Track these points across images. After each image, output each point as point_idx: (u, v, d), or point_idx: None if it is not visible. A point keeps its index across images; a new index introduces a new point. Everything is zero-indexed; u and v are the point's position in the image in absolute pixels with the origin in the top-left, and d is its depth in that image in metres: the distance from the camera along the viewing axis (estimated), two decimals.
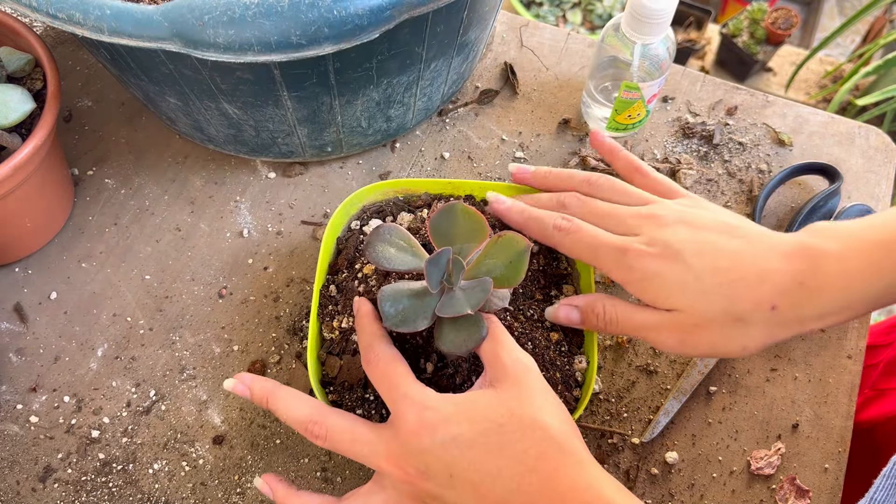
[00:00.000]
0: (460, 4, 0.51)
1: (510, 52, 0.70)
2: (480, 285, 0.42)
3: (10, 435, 0.53)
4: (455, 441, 0.38)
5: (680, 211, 0.44)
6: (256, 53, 0.44)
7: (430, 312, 0.42)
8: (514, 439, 0.38)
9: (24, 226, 0.56)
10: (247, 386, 0.45)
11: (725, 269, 0.41)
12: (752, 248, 0.42)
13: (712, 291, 0.41)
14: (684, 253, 0.42)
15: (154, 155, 0.64)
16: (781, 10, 1.72)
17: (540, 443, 0.38)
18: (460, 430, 0.38)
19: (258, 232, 0.61)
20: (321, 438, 0.42)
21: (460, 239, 0.44)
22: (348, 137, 0.60)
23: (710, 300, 0.41)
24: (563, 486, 0.37)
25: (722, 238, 0.42)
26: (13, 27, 0.55)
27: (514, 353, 0.41)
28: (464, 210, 0.44)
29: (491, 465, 0.37)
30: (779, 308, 0.40)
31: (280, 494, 0.44)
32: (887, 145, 0.66)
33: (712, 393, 0.55)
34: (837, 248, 0.40)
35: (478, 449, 0.38)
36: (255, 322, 0.57)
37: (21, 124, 0.53)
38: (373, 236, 0.45)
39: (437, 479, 0.38)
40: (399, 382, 0.41)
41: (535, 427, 0.38)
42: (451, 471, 0.38)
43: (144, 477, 0.51)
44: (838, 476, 0.52)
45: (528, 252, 0.43)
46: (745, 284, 0.41)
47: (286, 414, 0.43)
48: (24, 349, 0.56)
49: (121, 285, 0.58)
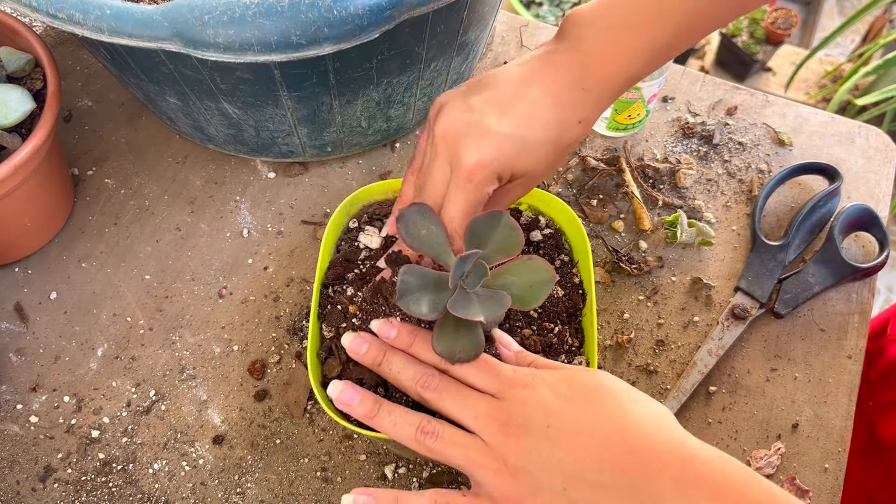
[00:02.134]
0: (460, 4, 0.51)
1: (510, 52, 0.70)
2: (498, 299, 0.41)
3: (10, 435, 0.53)
4: (554, 390, 0.38)
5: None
6: (256, 53, 0.44)
7: (441, 306, 0.42)
8: (608, 393, 0.38)
9: (24, 226, 0.56)
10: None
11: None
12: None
13: None
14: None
15: (154, 155, 0.64)
16: (781, 10, 1.72)
17: (632, 399, 0.38)
18: (554, 384, 0.39)
19: (258, 232, 0.61)
20: (433, 435, 0.40)
21: (491, 246, 0.44)
22: (348, 137, 0.60)
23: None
24: (663, 437, 0.37)
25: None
26: (13, 27, 0.55)
27: (575, 370, 0.41)
28: (508, 221, 0.44)
29: (588, 414, 0.38)
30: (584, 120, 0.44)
31: (385, 500, 0.42)
32: (887, 145, 0.66)
33: (712, 393, 0.55)
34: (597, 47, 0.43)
35: (576, 401, 0.38)
36: (255, 322, 0.57)
37: (21, 124, 0.53)
38: (407, 213, 0.44)
39: (534, 430, 0.38)
40: (479, 408, 0.40)
41: (623, 388, 0.39)
42: (549, 421, 0.38)
43: (144, 477, 0.51)
44: (838, 476, 0.52)
45: (552, 283, 0.43)
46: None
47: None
48: (24, 349, 0.55)
49: (121, 285, 0.58)
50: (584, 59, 0.43)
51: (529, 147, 0.44)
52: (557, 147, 0.44)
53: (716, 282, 0.59)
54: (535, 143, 0.44)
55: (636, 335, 0.57)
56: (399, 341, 0.44)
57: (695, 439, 0.37)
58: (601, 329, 0.57)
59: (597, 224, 0.61)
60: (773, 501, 0.34)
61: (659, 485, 0.35)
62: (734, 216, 0.62)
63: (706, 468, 0.35)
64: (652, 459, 0.36)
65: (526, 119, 0.44)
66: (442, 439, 0.40)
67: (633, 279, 0.59)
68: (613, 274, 0.59)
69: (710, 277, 0.59)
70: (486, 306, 0.41)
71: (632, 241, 0.61)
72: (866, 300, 0.58)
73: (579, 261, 0.53)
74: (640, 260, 0.59)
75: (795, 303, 0.57)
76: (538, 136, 0.44)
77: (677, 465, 0.36)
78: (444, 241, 0.44)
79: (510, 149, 0.44)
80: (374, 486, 0.51)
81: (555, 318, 0.50)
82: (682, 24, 0.42)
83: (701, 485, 0.35)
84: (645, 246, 0.60)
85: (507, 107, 0.44)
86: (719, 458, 0.36)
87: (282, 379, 0.55)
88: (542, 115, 0.44)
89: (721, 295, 0.58)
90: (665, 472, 0.35)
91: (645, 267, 0.59)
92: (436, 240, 0.45)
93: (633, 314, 0.57)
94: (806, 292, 0.57)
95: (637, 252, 0.60)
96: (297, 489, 0.51)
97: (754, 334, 0.57)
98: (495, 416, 0.39)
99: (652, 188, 0.63)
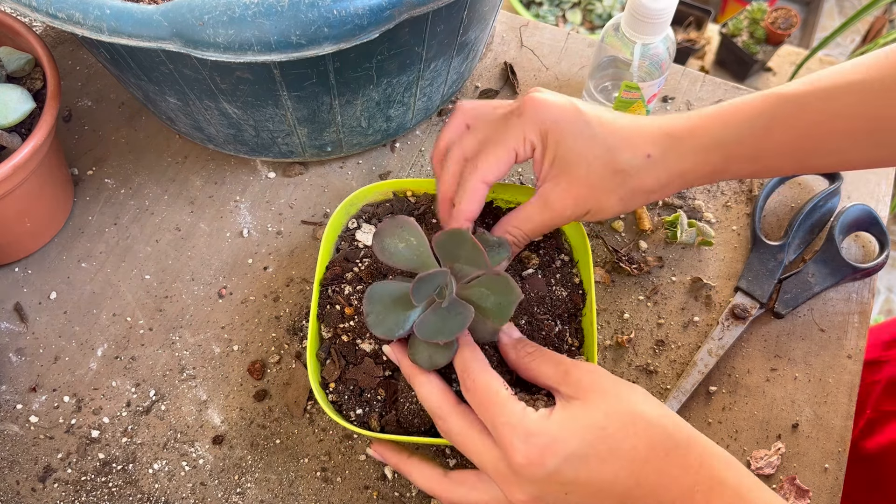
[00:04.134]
0: (460, 4, 0.51)
1: (510, 52, 0.70)
2: (462, 315, 0.42)
3: (10, 435, 0.53)
4: (568, 461, 0.37)
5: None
6: (256, 53, 0.44)
7: (409, 324, 0.43)
8: (621, 438, 0.38)
9: (23, 226, 0.56)
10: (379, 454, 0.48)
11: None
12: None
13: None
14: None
15: (154, 155, 0.64)
16: (781, 10, 1.72)
17: (645, 433, 0.38)
18: (570, 449, 0.37)
19: (258, 232, 0.61)
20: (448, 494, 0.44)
21: (464, 260, 0.44)
22: (348, 137, 0.60)
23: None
24: (677, 470, 0.37)
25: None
26: (13, 27, 0.55)
27: (576, 364, 0.42)
28: (470, 240, 0.43)
29: (606, 472, 0.37)
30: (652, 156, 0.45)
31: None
32: None
33: (712, 393, 0.55)
34: (687, 125, 0.46)
35: (591, 461, 0.37)
36: (255, 322, 0.57)
37: (21, 124, 0.53)
38: (384, 227, 0.45)
39: (551, 498, 0.38)
40: (497, 410, 0.39)
41: (636, 419, 0.38)
42: (567, 489, 0.38)
43: (144, 477, 0.51)
44: (838, 476, 0.52)
45: (515, 302, 0.42)
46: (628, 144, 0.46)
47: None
48: (24, 349, 0.55)
49: (121, 285, 0.58)
50: (684, 115, 0.47)
51: (587, 133, 0.45)
52: (611, 157, 0.46)
53: (716, 282, 0.59)
54: (593, 133, 0.46)
55: (636, 335, 0.57)
56: (394, 358, 0.47)
57: (705, 438, 0.38)
58: (601, 329, 0.57)
59: (597, 224, 0.61)
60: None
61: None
62: (734, 216, 0.62)
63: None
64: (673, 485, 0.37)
65: (602, 115, 0.46)
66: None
67: (633, 279, 0.59)
68: (613, 274, 0.59)
69: (710, 277, 0.59)
70: (450, 322, 0.42)
71: (632, 241, 0.61)
72: (866, 300, 0.58)
73: (579, 261, 0.53)
74: (640, 260, 0.59)
75: (795, 303, 0.57)
76: (600, 131, 0.46)
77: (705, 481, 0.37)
78: (426, 252, 0.45)
79: (571, 117, 0.46)
80: (374, 487, 0.51)
81: (555, 317, 0.50)
82: (789, 126, 0.45)
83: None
84: (645, 246, 0.60)
85: (596, 107, 0.47)
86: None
87: (282, 379, 0.55)
88: (617, 122, 0.47)
89: (721, 295, 0.58)
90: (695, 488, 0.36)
91: (645, 267, 0.59)
92: (412, 253, 0.45)
93: (633, 314, 0.57)
94: (806, 292, 0.57)
95: (637, 252, 0.60)
96: (297, 489, 0.51)
97: (754, 334, 0.57)
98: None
99: None
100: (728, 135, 0.45)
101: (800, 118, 0.44)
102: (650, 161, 0.45)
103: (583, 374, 0.41)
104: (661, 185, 0.46)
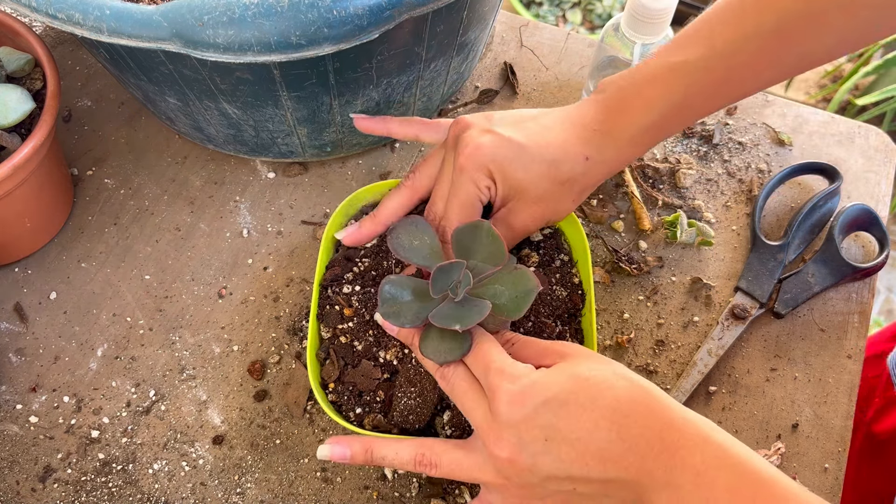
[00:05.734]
0: (460, 4, 0.51)
1: (510, 52, 0.70)
2: (478, 307, 0.43)
3: (10, 435, 0.53)
4: (547, 404, 0.38)
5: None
6: (256, 54, 0.44)
7: (423, 315, 0.43)
8: (604, 388, 0.38)
9: (23, 226, 0.56)
10: (345, 446, 0.46)
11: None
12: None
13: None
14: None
15: (153, 155, 0.64)
16: None
17: (628, 390, 0.38)
18: (551, 392, 0.39)
19: (258, 232, 0.61)
20: (435, 467, 0.43)
21: (479, 256, 0.45)
22: (348, 137, 0.60)
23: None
24: (660, 424, 0.37)
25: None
26: (13, 27, 0.55)
27: (556, 342, 0.43)
28: (490, 231, 0.45)
29: (586, 419, 0.38)
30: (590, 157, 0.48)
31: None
32: (887, 145, 0.66)
33: (712, 393, 0.55)
34: (611, 117, 0.48)
35: (570, 406, 0.38)
36: (255, 322, 0.57)
37: (21, 124, 0.53)
38: (399, 225, 0.46)
39: (532, 447, 0.39)
40: (490, 359, 0.41)
41: (619, 377, 0.39)
42: (546, 434, 0.38)
43: (144, 477, 0.51)
44: (838, 476, 0.52)
45: (534, 292, 0.43)
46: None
47: (395, 458, 0.44)
48: (24, 349, 0.55)
49: (120, 285, 0.58)
50: (601, 105, 0.48)
51: (525, 158, 0.47)
52: (554, 171, 0.48)
53: (716, 282, 0.59)
54: (531, 155, 0.48)
55: (636, 335, 0.57)
56: (403, 336, 0.47)
57: (675, 403, 0.39)
58: (601, 329, 0.57)
59: (596, 224, 0.61)
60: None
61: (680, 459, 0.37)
62: (734, 216, 0.62)
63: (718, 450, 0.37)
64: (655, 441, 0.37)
65: (530, 134, 0.48)
66: (440, 469, 0.43)
67: (632, 279, 0.59)
68: (613, 274, 0.59)
69: (709, 277, 0.59)
70: (464, 314, 0.43)
71: (632, 241, 0.61)
72: (866, 300, 0.58)
73: (579, 261, 0.53)
74: (639, 260, 0.59)
75: (795, 303, 0.57)
76: (536, 152, 0.48)
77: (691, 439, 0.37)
78: (437, 251, 0.46)
79: (506, 150, 0.48)
80: (373, 487, 0.51)
81: (555, 318, 0.50)
82: (694, 81, 0.46)
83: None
84: (645, 246, 0.60)
85: (519, 123, 0.49)
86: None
87: (282, 379, 0.55)
88: (546, 136, 0.48)
89: (721, 295, 0.58)
90: (682, 450, 0.36)
91: (645, 267, 0.59)
92: (427, 250, 0.46)
93: (632, 314, 0.57)
94: (806, 292, 0.57)
95: (637, 252, 0.60)
96: (297, 489, 0.51)
97: (754, 334, 0.57)
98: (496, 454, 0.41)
99: (652, 188, 0.63)
100: (652, 119, 0.47)
101: (709, 78, 0.46)
102: (590, 163, 0.48)
103: (564, 346, 0.43)
104: (607, 174, 0.50)
